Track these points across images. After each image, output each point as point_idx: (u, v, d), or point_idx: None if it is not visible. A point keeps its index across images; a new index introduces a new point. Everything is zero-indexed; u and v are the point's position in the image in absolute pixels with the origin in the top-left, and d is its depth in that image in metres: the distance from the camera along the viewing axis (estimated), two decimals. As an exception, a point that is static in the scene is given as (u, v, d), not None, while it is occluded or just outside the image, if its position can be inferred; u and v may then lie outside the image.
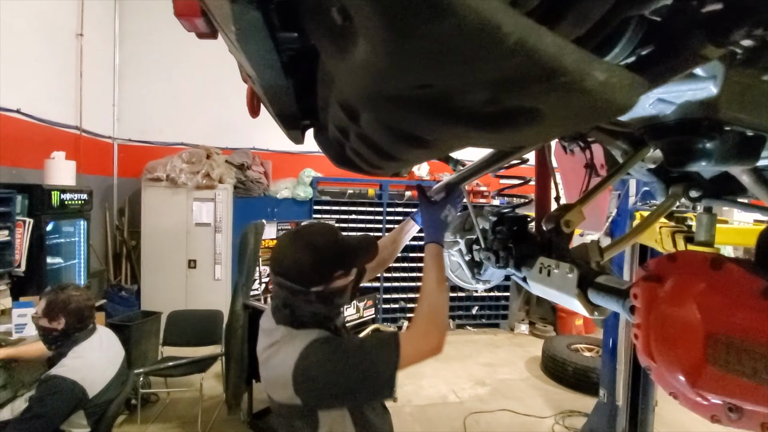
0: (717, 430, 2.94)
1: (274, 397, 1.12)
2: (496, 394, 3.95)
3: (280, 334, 1.12)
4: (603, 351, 3.14)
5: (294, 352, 1.06)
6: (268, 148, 5.51)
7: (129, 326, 3.60)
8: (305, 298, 1.12)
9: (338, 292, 1.16)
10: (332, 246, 1.16)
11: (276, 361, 1.09)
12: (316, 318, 1.16)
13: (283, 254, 1.15)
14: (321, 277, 1.12)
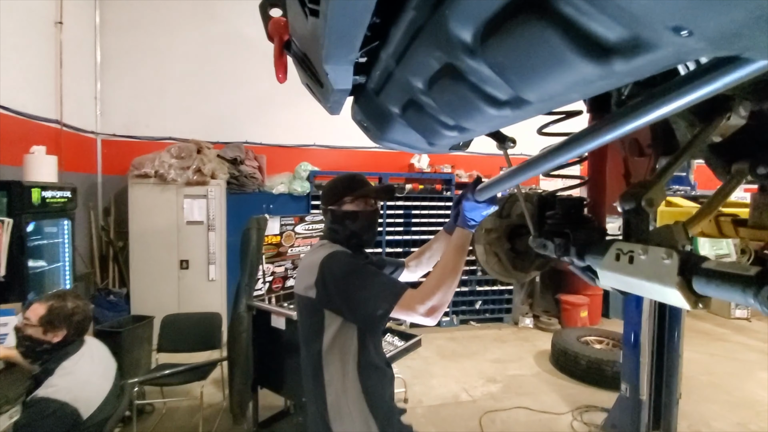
0: (739, 423, 2.69)
1: (299, 288, 1.39)
2: (509, 391, 3.82)
3: (322, 243, 1.46)
4: (624, 344, 3.02)
5: (326, 251, 1.36)
6: (261, 142, 5.28)
7: (120, 332, 3.37)
8: (325, 215, 1.49)
9: (348, 215, 1.43)
10: (348, 177, 1.48)
11: (313, 257, 1.36)
12: (339, 236, 1.44)
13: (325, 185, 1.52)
14: (333, 197, 1.44)
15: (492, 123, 0.82)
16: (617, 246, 1.06)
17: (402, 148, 1.09)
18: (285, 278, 2.96)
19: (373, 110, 0.94)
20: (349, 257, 1.34)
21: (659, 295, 0.96)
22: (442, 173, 5.66)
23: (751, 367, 4.49)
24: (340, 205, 1.43)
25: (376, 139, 1.07)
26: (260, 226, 2.65)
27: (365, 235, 1.46)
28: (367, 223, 1.46)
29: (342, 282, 1.26)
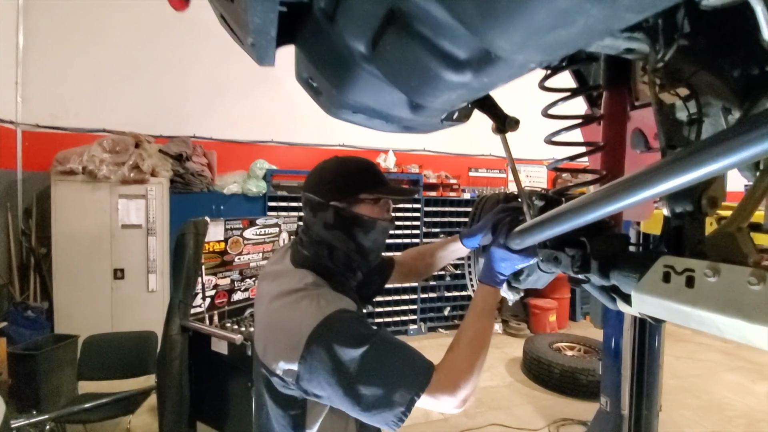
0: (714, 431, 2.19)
1: (262, 353, 0.94)
2: (482, 405, 3.57)
3: (304, 280, 0.96)
4: (605, 355, 2.84)
5: (317, 313, 0.87)
6: (211, 137, 4.77)
7: (34, 356, 2.82)
8: (323, 216, 0.99)
9: (360, 221, 0.99)
10: (363, 166, 1.04)
11: (293, 314, 0.90)
12: (333, 251, 1.01)
13: (313, 169, 1.06)
14: (343, 189, 0.99)
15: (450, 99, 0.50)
16: (666, 262, 0.77)
17: (370, 123, 0.76)
18: (231, 291, 2.54)
19: (326, 53, 0.60)
20: (353, 323, 0.88)
21: (736, 333, 0.68)
22: (410, 173, 5.38)
23: (715, 368, 4.51)
24: (351, 203, 0.98)
25: (333, 106, 0.74)
26: (199, 231, 2.23)
27: (371, 255, 1.05)
28: (382, 240, 1.05)
29: (347, 374, 0.82)
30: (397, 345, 0.88)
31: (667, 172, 0.59)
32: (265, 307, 1.00)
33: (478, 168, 6.15)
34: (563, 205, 0.76)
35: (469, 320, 0.96)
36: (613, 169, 1.06)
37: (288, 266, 1.03)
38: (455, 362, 0.89)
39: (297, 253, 1.05)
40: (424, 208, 5.32)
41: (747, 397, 3.79)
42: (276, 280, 1.01)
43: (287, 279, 0.98)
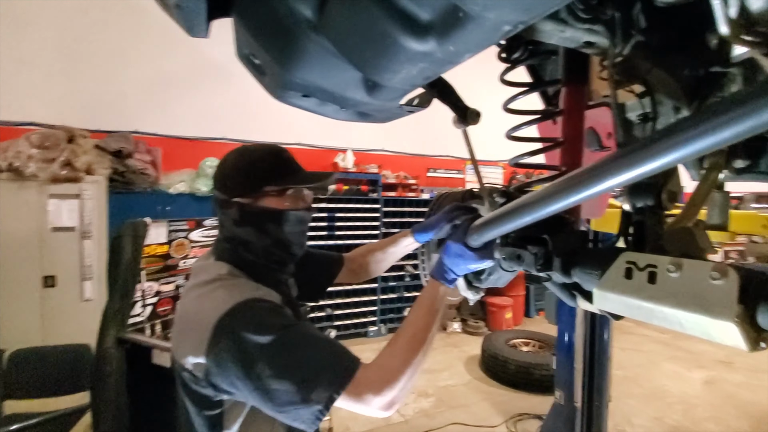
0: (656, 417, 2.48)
1: (178, 352, 0.87)
2: (442, 405, 3.57)
3: (218, 271, 0.91)
4: (558, 350, 2.92)
5: (228, 301, 0.82)
6: (156, 132, 4.45)
7: (-55, 376, 2.49)
8: (230, 213, 0.93)
9: (268, 215, 0.93)
10: (269, 156, 0.96)
11: (200, 303, 0.85)
12: (249, 248, 0.95)
13: (217, 165, 1.00)
14: (245, 184, 0.92)
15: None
16: (628, 258, 0.75)
17: (323, 110, 0.68)
18: (176, 298, 2.35)
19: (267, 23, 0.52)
20: (266, 313, 0.82)
21: (698, 329, 0.67)
22: (368, 173, 5.31)
23: (655, 358, 4.80)
24: (256, 197, 0.92)
25: (278, 87, 0.65)
26: (137, 233, 2.04)
27: (293, 248, 0.98)
28: (299, 230, 0.98)
29: (257, 366, 0.75)
30: (318, 338, 0.82)
31: (623, 164, 0.59)
32: (180, 304, 0.94)
33: (436, 168, 6.20)
34: (521, 198, 0.73)
35: (411, 317, 0.90)
36: (571, 165, 1.05)
37: (210, 260, 0.98)
38: (388, 360, 0.83)
39: (217, 246, 1.01)
40: (383, 209, 5.28)
41: (684, 384, 4.07)
42: (195, 276, 0.95)
43: (204, 272, 0.93)
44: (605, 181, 0.61)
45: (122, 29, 4.33)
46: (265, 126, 4.94)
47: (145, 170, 4.06)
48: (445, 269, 0.92)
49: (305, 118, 5.79)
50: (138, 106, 4.43)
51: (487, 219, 0.80)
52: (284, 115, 5.11)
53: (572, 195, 0.65)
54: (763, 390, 3.92)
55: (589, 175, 0.65)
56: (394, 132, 5.81)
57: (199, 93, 4.61)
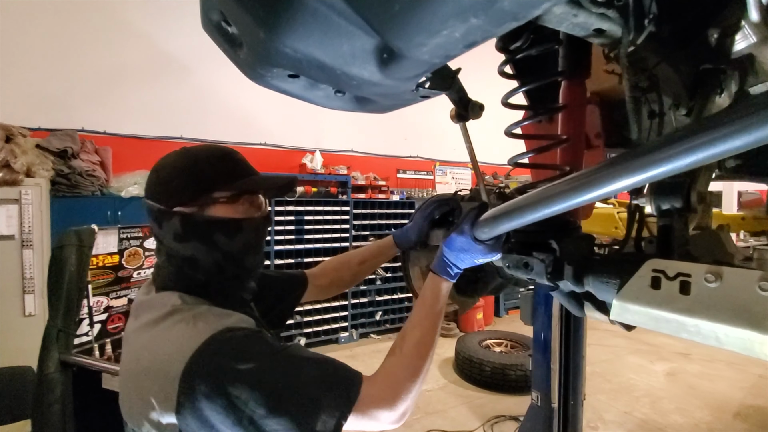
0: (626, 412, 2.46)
1: (133, 415, 0.71)
2: (418, 411, 3.49)
3: (169, 302, 0.75)
4: (534, 351, 2.91)
5: (193, 338, 0.66)
6: (105, 131, 4.10)
7: None
8: (170, 226, 0.77)
9: (217, 226, 0.78)
10: (217, 157, 0.81)
11: (160, 348, 0.68)
12: (196, 268, 0.79)
13: (151, 169, 0.82)
14: (189, 190, 0.77)
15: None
16: (655, 266, 0.68)
17: (312, 94, 0.56)
18: (128, 314, 2.12)
19: None
20: (244, 342, 0.68)
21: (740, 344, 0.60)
22: (338, 175, 5.16)
23: (620, 352, 4.96)
24: (202, 205, 0.77)
25: (260, 62, 0.52)
26: (83, 242, 1.81)
27: (248, 261, 0.84)
28: (254, 241, 0.84)
29: (247, 408, 0.62)
30: (312, 359, 0.70)
31: (652, 160, 0.52)
32: (125, 353, 0.77)
33: (406, 170, 6.14)
34: (537, 191, 0.64)
35: (416, 317, 0.81)
36: (573, 163, 0.98)
37: (151, 293, 0.82)
38: (396, 369, 0.76)
39: (158, 273, 0.83)
40: (353, 211, 5.15)
41: (648, 377, 4.21)
42: (139, 316, 0.78)
43: (150, 309, 0.77)
44: (631, 176, 0.53)
45: (67, 17, 3.95)
46: (226, 124, 4.69)
47: (93, 172, 3.72)
48: (448, 263, 0.83)
49: (270, 117, 5.54)
50: (85, 102, 4.06)
51: (500, 210, 0.70)
52: (247, 113, 4.87)
53: (594, 189, 0.57)
54: (720, 379, 4.13)
55: (611, 170, 0.56)
56: (363, 132, 5.70)
57: (153, 88, 4.30)
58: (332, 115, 5.82)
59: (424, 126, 6.28)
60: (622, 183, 0.53)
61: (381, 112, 0.73)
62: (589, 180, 0.56)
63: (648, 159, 0.51)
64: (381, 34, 0.38)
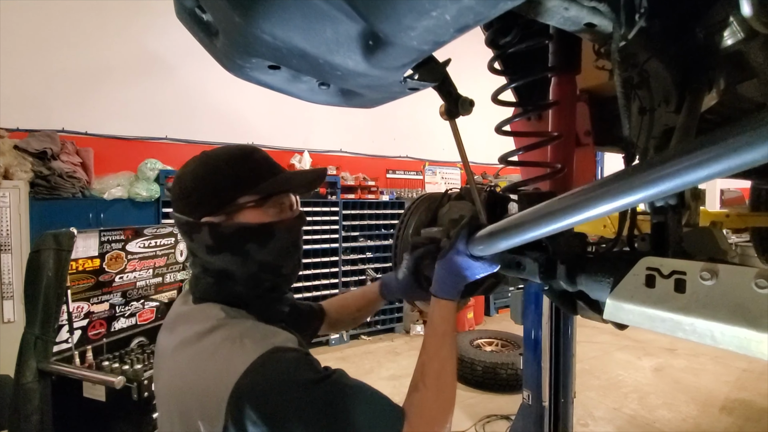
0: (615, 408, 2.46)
1: (175, 428, 0.68)
2: (409, 412, 3.47)
3: (211, 315, 0.71)
4: (525, 350, 2.91)
5: (242, 357, 0.62)
6: (87, 132, 4.00)
7: None
8: (200, 238, 0.74)
9: (250, 234, 0.74)
10: (238, 159, 0.76)
11: (207, 366, 0.64)
12: (231, 280, 0.75)
13: (174, 180, 0.79)
14: (214, 198, 0.73)
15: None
16: (649, 264, 0.67)
17: (294, 87, 0.53)
18: (110, 319, 2.06)
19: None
20: (295, 366, 0.64)
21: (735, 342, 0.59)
22: (327, 175, 5.12)
23: (607, 349, 5.01)
24: (230, 213, 0.73)
25: (236, 51, 0.49)
26: (61, 246, 1.74)
27: (286, 267, 0.79)
28: (290, 245, 0.79)
29: (301, 417, 0.60)
30: (359, 389, 0.67)
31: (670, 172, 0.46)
32: (166, 368, 0.73)
33: (395, 170, 6.12)
34: (541, 206, 0.61)
35: (431, 348, 0.78)
36: (564, 161, 0.97)
37: (190, 305, 0.78)
38: (427, 405, 0.72)
39: (196, 284, 0.79)
40: (343, 212, 5.11)
41: (636, 373, 4.25)
42: (176, 328, 0.75)
43: (190, 322, 0.73)
44: (645, 190, 0.48)
45: (47, 14, 3.84)
46: (213, 124, 4.61)
47: (74, 173, 3.63)
48: (448, 284, 0.80)
49: (258, 117, 5.48)
50: (65, 102, 3.95)
51: (498, 228, 0.68)
52: (235, 113, 4.81)
53: (605, 203, 0.52)
54: (705, 373, 4.19)
55: (623, 183, 0.51)
56: (352, 132, 5.67)
57: (137, 88, 4.20)
58: (321, 114, 5.77)
59: (413, 126, 6.28)
60: (634, 197, 0.49)
61: (368, 106, 0.70)
62: (598, 194, 0.51)
63: (665, 171, 0.45)
64: (366, 18, 0.36)
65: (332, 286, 5.04)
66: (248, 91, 5.05)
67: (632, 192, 0.49)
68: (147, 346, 2.16)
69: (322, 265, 4.98)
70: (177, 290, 2.52)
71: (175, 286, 2.50)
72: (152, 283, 2.31)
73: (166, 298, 2.42)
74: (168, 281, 2.43)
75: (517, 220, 0.61)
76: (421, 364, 0.77)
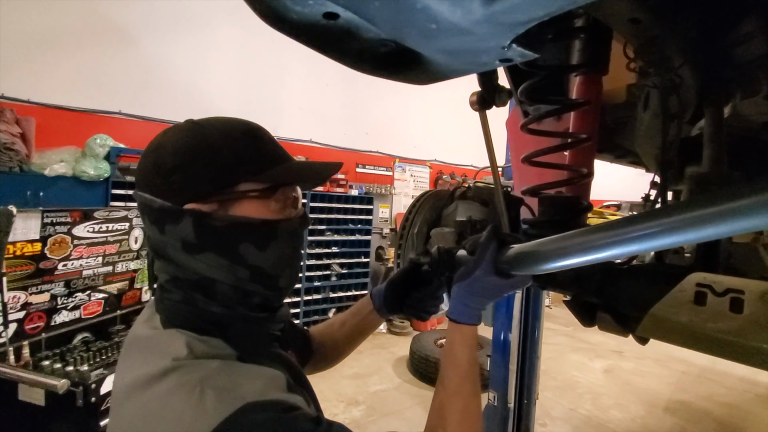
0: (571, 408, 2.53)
1: None
2: (374, 412, 3.40)
3: (170, 351, 0.52)
4: (493, 352, 2.93)
5: (198, 421, 0.45)
6: (29, 99, 3.57)
7: None
8: (176, 231, 0.56)
9: (247, 229, 0.58)
10: (239, 135, 0.59)
11: (148, 424, 0.47)
12: (218, 301, 0.59)
13: (145, 150, 0.60)
14: (205, 181, 0.56)
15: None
16: (700, 280, 0.62)
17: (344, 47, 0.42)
18: (51, 311, 1.82)
19: None
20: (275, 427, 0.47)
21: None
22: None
23: (562, 350, 5.21)
24: (222, 201, 0.57)
25: None
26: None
27: (282, 280, 0.63)
28: (291, 251, 0.64)
29: None
30: None
31: None
32: (111, 414, 0.56)
33: (366, 164, 6.01)
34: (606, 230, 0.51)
35: (451, 383, 0.65)
36: (586, 164, 0.92)
37: (153, 328, 0.59)
38: None
39: (161, 300, 0.61)
40: (310, 204, 4.95)
41: (589, 375, 4.44)
42: (130, 358, 0.58)
43: (145, 353, 0.55)
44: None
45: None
46: (173, 102, 4.28)
47: (12, 145, 3.22)
48: (471, 308, 0.68)
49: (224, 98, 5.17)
50: (6, 65, 3.50)
51: (528, 247, 0.59)
52: (198, 91, 4.49)
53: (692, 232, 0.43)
54: (650, 375, 4.45)
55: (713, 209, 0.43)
56: (324, 123, 5.50)
57: (90, 56, 3.80)
58: (292, 101, 5.54)
59: (387, 121, 6.19)
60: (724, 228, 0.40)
61: (424, 82, 0.60)
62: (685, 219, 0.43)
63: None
64: None
65: (295, 281, 4.87)
66: (215, 70, 4.74)
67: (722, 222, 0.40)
68: (92, 343, 1.94)
69: (286, 258, 4.80)
70: (128, 281, 2.29)
71: (128, 276, 2.27)
72: (101, 272, 2.07)
73: (115, 289, 2.19)
74: (119, 270, 2.20)
75: (578, 241, 0.52)
76: (440, 404, 0.64)
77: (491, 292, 0.68)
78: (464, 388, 0.64)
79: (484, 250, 0.67)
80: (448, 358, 0.67)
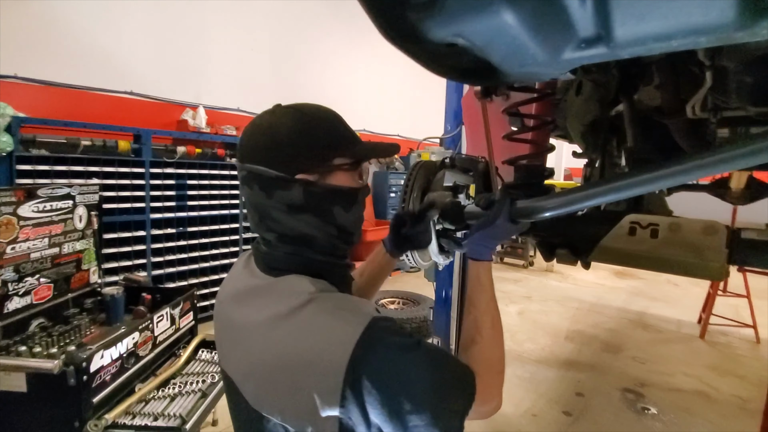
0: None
1: (279, 405, 0.65)
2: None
3: (301, 288, 0.69)
4: (436, 304, 3.31)
5: (349, 329, 0.63)
6: None
7: None
8: (285, 196, 0.72)
9: (338, 196, 0.76)
10: (331, 119, 0.76)
11: (313, 339, 0.63)
12: (315, 243, 0.76)
13: (252, 129, 0.75)
14: (311, 156, 0.73)
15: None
16: (633, 218, 0.93)
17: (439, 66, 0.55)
18: (3, 298, 1.70)
19: None
20: (394, 335, 0.65)
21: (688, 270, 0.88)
22: (225, 135, 4.72)
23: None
24: (323, 173, 0.74)
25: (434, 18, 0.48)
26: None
27: (356, 236, 0.82)
28: (362, 213, 0.83)
29: (402, 403, 0.61)
30: (443, 352, 0.71)
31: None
32: (252, 343, 0.69)
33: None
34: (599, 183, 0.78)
35: (481, 304, 0.84)
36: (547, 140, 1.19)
37: (262, 277, 0.75)
38: (487, 355, 0.77)
39: (268, 254, 0.77)
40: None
41: (506, 317, 5.10)
42: (254, 301, 0.73)
43: (273, 294, 0.71)
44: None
45: None
46: (79, 65, 3.82)
47: None
48: (489, 248, 0.90)
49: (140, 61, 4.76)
50: None
51: (540, 203, 0.86)
52: (109, 54, 4.03)
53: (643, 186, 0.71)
54: (553, 314, 5.32)
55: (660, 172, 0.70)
56: (252, 90, 5.30)
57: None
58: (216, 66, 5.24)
59: (321, 86, 6.13)
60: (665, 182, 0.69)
61: (493, 84, 0.77)
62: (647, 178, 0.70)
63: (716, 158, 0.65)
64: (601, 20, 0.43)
65: (232, 255, 4.79)
66: (128, 31, 4.26)
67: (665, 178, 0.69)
68: (51, 327, 1.85)
69: (221, 232, 4.67)
70: (75, 262, 2.17)
71: (74, 258, 2.15)
72: (48, 254, 1.94)
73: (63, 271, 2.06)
74: (66, 251, 2.08)
75: (571, 195, 0.78)
76: (474, 320, 0.82)
77: (505, 235, 0.92)
78: (491, 306, 0.86)
79: (502, 204, 0.90)
80: (476, 286, 0.88)
